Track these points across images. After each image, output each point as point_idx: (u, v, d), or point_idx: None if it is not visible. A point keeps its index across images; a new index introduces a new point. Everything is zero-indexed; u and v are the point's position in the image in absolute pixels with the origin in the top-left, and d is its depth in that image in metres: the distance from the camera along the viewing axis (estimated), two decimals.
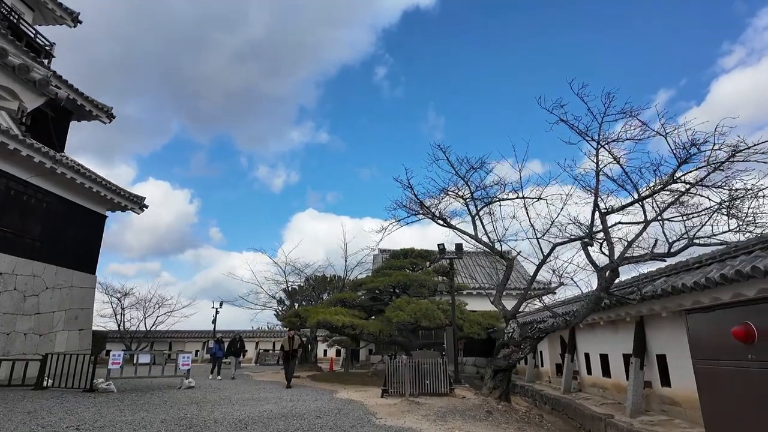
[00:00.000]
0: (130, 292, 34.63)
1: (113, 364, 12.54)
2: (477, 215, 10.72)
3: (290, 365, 14.87)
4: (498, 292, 10.77)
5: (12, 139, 15.41)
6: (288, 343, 14.85)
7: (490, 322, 17.16)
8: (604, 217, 8.06)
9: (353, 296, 18.74)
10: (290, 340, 14.85)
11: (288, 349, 14.79)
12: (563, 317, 9.10)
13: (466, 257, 27.91)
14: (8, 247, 16.26)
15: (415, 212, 11.22)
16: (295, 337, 15.12)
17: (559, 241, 9.75)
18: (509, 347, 9.79)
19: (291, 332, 15.37)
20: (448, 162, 10.67)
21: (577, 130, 9.08)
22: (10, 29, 18.26)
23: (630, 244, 7.92)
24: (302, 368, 22.26)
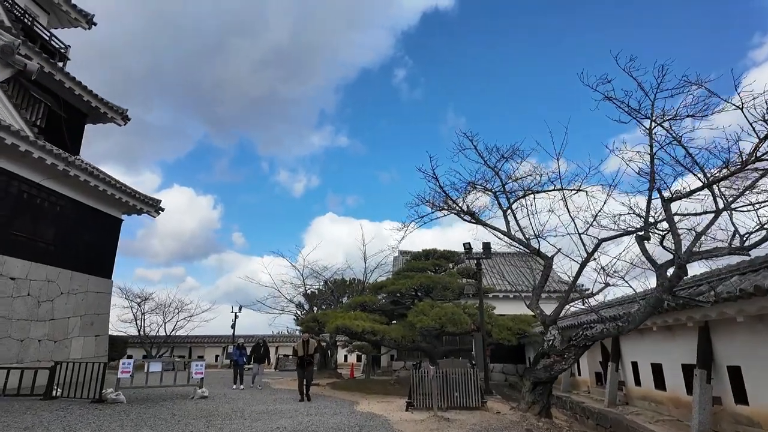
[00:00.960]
0: (150, 297, 34.48)
1: (123, 373, 11.88)
2: (509, 209, 9.64)
3: (306, 373, 12.92)
4: (535, 295, 9.65)
5: (23, 141, 15.04)
6: (303, 348, 13.09)
7: (521, 327, 15.96)
8: (668, 204, 6.92)
9: (373, 300, 17.77)
10: (305, 345, 13.10)
11: (303, 354, 13.00)
12: (614, 323, 7.95)
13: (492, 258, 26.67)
14: (21, 251, 15.90)
15: (440, 207, 10.20)
16: (311, 341, 13.31)
17: (606, 236, 8.61)
18: (550, 357, 8.67)
19: (306, 335, 13.72)
20: (476, 151, 9.64)
21: (626, 108, 7.94)
22: (23, 31, 18.05)
23: (699, 236, 6.75)
24: (322, 375, 21.41)
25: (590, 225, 8.98)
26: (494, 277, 26.14)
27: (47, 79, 18.23)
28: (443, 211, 10.34)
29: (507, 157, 9.54)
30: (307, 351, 13.09)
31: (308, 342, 13.26)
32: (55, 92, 18.92)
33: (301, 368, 13.04)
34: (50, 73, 18.03)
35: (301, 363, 13.04)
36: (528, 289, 23.27)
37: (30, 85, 17.73)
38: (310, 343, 13.28)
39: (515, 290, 23.06)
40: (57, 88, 18.78)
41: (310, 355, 13.20)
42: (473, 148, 9.57)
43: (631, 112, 7.86)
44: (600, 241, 8.66)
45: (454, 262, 20.19)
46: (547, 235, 9.17)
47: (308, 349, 13.13)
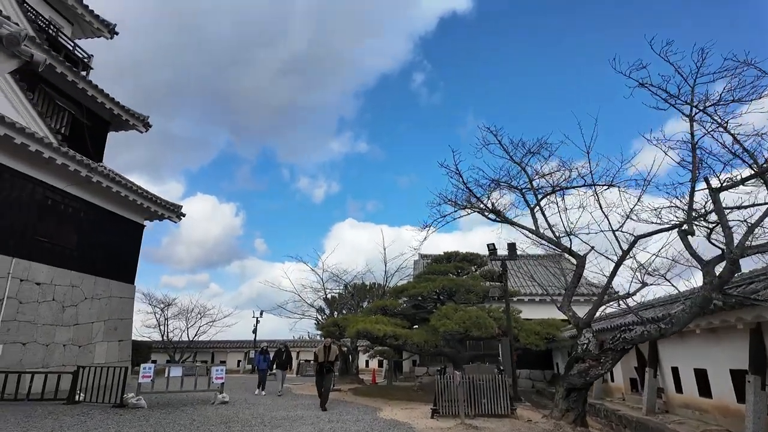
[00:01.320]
0: (173, 303, 34.83)
1: (144, 378, 11.76)
2: (538, 206, 9.14)
3: (326, 380, 12.25)
4: (567, 296, 9.11)
5: (47, 148, 15.24)
6: (323, 354, 12.45)
7: (549, 332, 15.31)
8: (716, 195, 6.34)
9: (395, 304, 17.36)
10: (326, 350, 12.49)
11: (323, 360, 12.39)
12: (655, 324, 7.37)
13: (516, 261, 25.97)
14: (46, 256, 16.10)
15: (463, 206, 9.77)
16: (332, 347, 12.69)
17: (643, 233, 8.03)
18: (585, 362, 8.12)
19: (327, 340, 13.06)
20: (501, 146, 9.18)
21: (663, 96, 7.40)
22: (48, 41, 18.45)
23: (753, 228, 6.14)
24: (343, 380, 21.08)
25: (625, 221, 8.43)
26: (520, 279, 25.42)
27: (71, 87, 18.56)
28: (466, 209, 9.91)
29: (534, 151, 9.07)
30: (328, 357, 12.45)
31: (330, 348, 12.58)
32: (79, 100, 19.25)
33: (320, 375, 12.34)
34: (73, 82, 18.35)
35: (321, 369, 12.36)
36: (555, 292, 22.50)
37: (54, 94, 18.07)
38: (331, 349, 12.61)
39: (542, 293, 22.33)
40: (80, 97, 19.10)
41: (330, 362, 12.54)
42: (497, 143, 9.15)
43: (669, 99, 7.32)
44: (636, 238, 8.09)
45: (476, 264, 19.64)
46: (579, 232, 8.64)
47: (329, 355, 12.48)
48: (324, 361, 12.37)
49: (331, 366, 12.64)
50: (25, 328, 14.92)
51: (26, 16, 17.55)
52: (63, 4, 20.42)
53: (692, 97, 7.31)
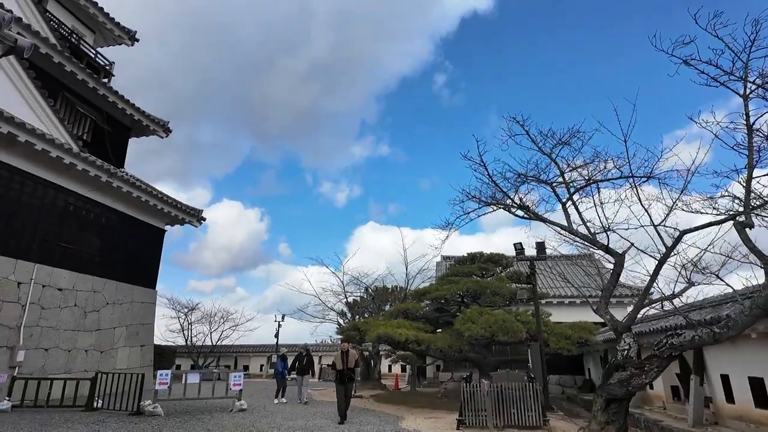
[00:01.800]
0: (197, 307, 35.04)
1: (160, 384, 11.51)
2: (570, 200, 8.43)
3: (345, 390, 10.93)
4: (604, 298, 8.35)
5: (67, 153, 15.33)
6: (341, 360, 11.02)
7: (581, 336, 14.43)
8: None
9: (417, 307, 16.74)
10: (344, 356, 11.04)
11: (342, 367, 10.96)
12: (708, 328, 6.59)
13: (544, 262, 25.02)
14: (68, 262, 16.18)
15: (488, 202, 9.12)
16: (351, 352, 11.32)
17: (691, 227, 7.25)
18: (627, 369, 7.37)
19: (346, 345, 11.57)
20: (528, 137, 8.51)
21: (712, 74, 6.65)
22: (70, 49, 18.67)
23: None
24: (365, 386, 20.56)
25: (668, 215, 7.65)
26: (548, 281, 24.43)
27: (92, 94, 18.75)
28: (492, 206, 9.26)
29: (564, 141, 8.37)
30: (347, 363, 11.06)
31: (348, 353, 11.23)
32: (100, 107, 19.42)
33: (341, 384, 10.97)
34: (95, 89, 18.54)
35: (341, 378, 11.02)
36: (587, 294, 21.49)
37: (76, 101, 18.25)
38: (350, 354, 11.29)
39: (573, 295, 21.33)
40: (101, 103, 19.27)
41: (350, 369, 11.17)
42: (525, 134, 8.48)
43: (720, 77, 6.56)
44: (682, 233, 7.31)
45: (502, 266, 18.85)
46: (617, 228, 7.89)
47: (348, 361, 11.10)
48: (343, 368, 11.01)
49: (352, 374, 11.32)
50: (47, 333, 14.98)
51: (48, 24, 17.79)
52: (85, 13, 20.72)
53: (746, 74, 6.55)
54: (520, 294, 12.69)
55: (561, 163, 8.54)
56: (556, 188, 8.99)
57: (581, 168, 8.44)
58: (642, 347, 9.78)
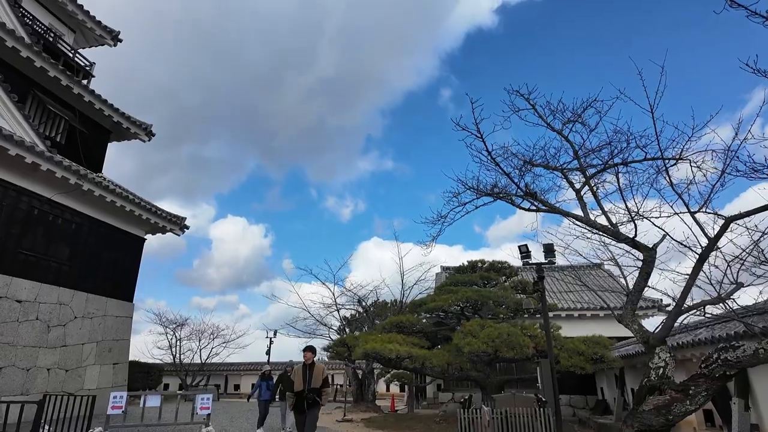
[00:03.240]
0: (185, 323, 33.44)
1: (113, 409, 9.98)
2: (587, 185, 7.04)
3: (308, 420, 7.72)
4: (629, 304, 6.89)
5: (29, 152, 14.06)
6: (302, 377, 7.82)
7: (596, 351, 12.87)
8: None
9: (412, 320, 15.22)
10: (307, 371, 7.89)
11: (302, 387, 7.74)
12: None
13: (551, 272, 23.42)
14: (30, 271, 14.78)
15: (487, 191, 7.72)
16: (317, 367, 8.02)
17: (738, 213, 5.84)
18: (664, 393, 5.88)
19: (309, 355, 8.11)
20: (535, 112, 7.16)
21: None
22: (45, 47, 17.61)
23: None
24: (357, 408, 18.84)
25: (707, 200, 6.24)
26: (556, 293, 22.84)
27: (66, 93, 17.61)
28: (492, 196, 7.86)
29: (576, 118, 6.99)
30: (309, 382, 7.75)
31: (312, 367, 7.95)
32: (75, 107, 18.27)
33: (299, 412, 7.75)
34: (68, 87, 17.38)
35: (300, 403, 7.73)
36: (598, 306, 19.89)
37: (47, 99, 17.10)
38: (315, 369, 7.96)
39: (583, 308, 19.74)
40: (76, 103, 18.12)
41: (314, 391, 7.78)
42: (531, 109, 7.12)
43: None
44: (728, 220, 5.89)
45: (506, 275, 17.36)
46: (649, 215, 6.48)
47: (311, 378, 7.80)
48: (303, 389, 7.71)
49: (317, 397, 7.77)
50: (2, 350, 13.47)
51: (20, 19, 16.78)
52: (63, 11, 19.75)
53: None
54: (527, 304, 11.19)
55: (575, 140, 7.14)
56: (568, 174, 7.58)
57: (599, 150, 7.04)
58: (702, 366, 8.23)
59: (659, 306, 19.03)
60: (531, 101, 7.19)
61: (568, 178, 7.49)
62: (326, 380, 8.11)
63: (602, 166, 7.14)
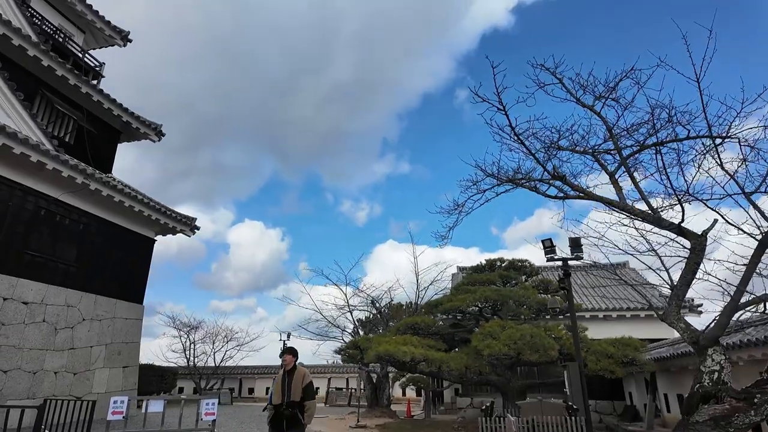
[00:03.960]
0: (199, 326, 33.23)
1: (113, 414, 9.48)
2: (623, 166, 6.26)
3: None
4: (674, 299, 6.07)
5: (34, 150, 13.81)
6: (281, 386, 6.33)
7: (625, 354, 11.96)
8: None
9: (428, 321, 14.47)
10: (286, 379, 6.37)
11: (281, 400, 6.24)
12: None
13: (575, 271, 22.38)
14: (36, 273, 14.52)
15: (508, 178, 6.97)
16: (298, 371, 6.44)
17: None
18: (722, 401, 5.08)
19: (289, 358, 6.52)
20: (562, 86, 6.43)
21: None
22: (54, 47, 17.48)
23: None
24: (372, 414, 18.13)
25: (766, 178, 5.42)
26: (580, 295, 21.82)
27: (74, 92, 17.42)
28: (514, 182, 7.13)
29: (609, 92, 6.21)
30: (289, 392, 6.21)
31: (293, 373, 6.38)
32: (84, 107, 18.08)
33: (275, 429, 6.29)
34: (76, 86, 17.18)
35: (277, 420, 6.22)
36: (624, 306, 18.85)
37: (56, 99, 16.92)
38: (296, 375, 6.36)
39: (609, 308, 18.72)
40: (85, 102, 17.93)
41: (294, 405, 6.15)
42: (558, 83, 6.39)
43: None
44: None
45: (526, 274, 16.49)
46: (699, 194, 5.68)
47: (291, 387, 6.24)
48: (282, 402, 6.18)
49: (299, 412, 6.13)
50: (7, 353, 13.20)
51: (28, 19, 16.66)
52: (72, 11, 19.65)
53: None
54: (553, 302, 10.37)
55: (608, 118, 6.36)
56: (599, 157, 6.80)
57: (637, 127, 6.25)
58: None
59: (690, 306, 17.91)
60: (558, 75, 6.46)
61: (600, 161, 6.73)
62: (309, 390, 6.26)
63: (639, 145, 6.35)
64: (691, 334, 5.74)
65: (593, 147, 7.00)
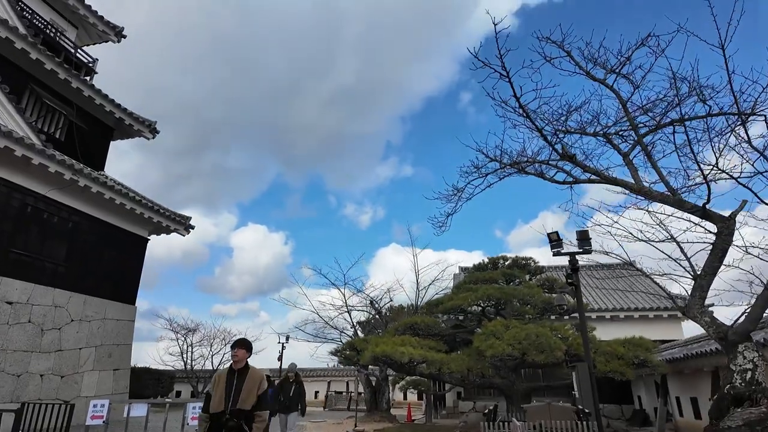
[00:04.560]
0: (197, 328, 32.69)
1: (93, 419, 8.92)
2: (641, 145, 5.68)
3: None
4: (697, 290, 5.49)
5: (18, 144, 13.32)
6: (223, 393, 4.66)
7: (636, 354, 11.33)
8: None
9: (428, 321, 13.87)
10: (233, 380, 4.74)
11: (222, 407, 4.59)
12: None
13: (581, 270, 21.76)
14: (22, 272, 14.01)
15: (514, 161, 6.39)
16: (250, 374, 4.82)
17: None
18: (757, 402, 4.49)
19: (240, 353, 4.87)
20: (571, 59, 5.87)
21: None
22: (45, 41, 17.07)
23: None
24: (371, 418, 17.50)
25: None
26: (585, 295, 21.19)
27: (65, 87, 16.97)
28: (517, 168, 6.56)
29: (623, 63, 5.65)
30: (234, 400, 4.63)
31: (244, 374, 4.83)
32: (75, 102, 17.62)
33: None
34: (66, 80, 16.73)
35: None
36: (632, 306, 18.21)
37: (45, 93, 16.47)
38: (247, 379, 4.77)
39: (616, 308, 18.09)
40: (75, 97, 17.47)
41: (241, 415, 4.59)
42: (566, 56, 5.84)
43: None
44: None
45: (530, 272, 15.88)
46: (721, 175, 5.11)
47: (237, 394, 4.66)
48: (225, 409, 4.59)
49: (242, 423, 4.57)
50: None
51: (16, 11, 16.23)
52: (64, 6, 19.23)
53: None
54: (560, 299, 9.78)
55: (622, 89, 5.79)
56: (611, 138, 6.23)
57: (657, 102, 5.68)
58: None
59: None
60: (565, 48, 5.91)
61: (612, 142, 6.16)
62: (264, 400, 4.78)
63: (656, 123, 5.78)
64: (718, 329, 5.16)
65: (604, 128, 6.43)
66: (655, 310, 18.47)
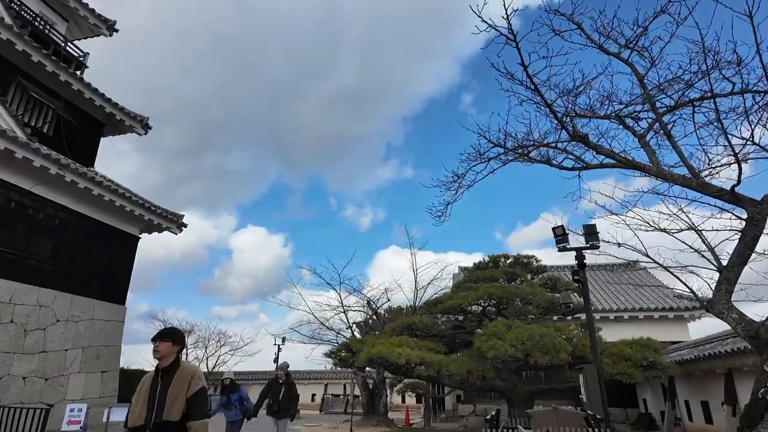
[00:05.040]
0: (192, 330, 32.14)
1: (70, 424, 8.38)
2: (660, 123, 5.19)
3: None
4: (723, 284, 4.97)
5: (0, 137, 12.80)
6: (147, 399, 3.53)
7: (644, 356, 10.82)
8: None
9: (427, 321, 13.33)
10: (155, 388, 3.56)
11: (143, 423, 3.42)
12: None
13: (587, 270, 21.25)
14: (4, 270, 13.44)
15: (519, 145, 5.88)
16: (183, 372, 3.66)
17: None
18: None
19: (165, 347, 3.67)
20: (582, 33, 5.38)
21: None
22: (34, 34, 16.57)
23: None
24: (368, 422, 16.94)
25: None
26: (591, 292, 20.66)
27: (53, 81, 16.47)
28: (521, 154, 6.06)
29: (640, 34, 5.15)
30: (159, 410, 3.46)
31: (167, 378, 3.60)
32: (64, 96, 17.12)
33: None
34: (54, 73, 16.22)
35: None
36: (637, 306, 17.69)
37: (31, 86, 15.96)
38: (174, 380, 3.57)
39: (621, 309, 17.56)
40: (63, 90, 16.97)
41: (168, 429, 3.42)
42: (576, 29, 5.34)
43: None
44: None
45: (532, 270, 15.37)
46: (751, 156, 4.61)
47: (162, 402, 3.48)
48: (146, 424, 3.43)
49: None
50: None
51: (5, 3, 15.75)
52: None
53: None
54: (565, 297, 9.25)
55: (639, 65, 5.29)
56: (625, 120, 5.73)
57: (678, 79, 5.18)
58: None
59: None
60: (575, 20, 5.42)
61: (626, 123, 5.67)
62: (198, 402, 3.59)
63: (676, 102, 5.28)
64: (747, 327, 4.66)
65: (616, 110, 5.94)
66: (660, 310, 17.95)
